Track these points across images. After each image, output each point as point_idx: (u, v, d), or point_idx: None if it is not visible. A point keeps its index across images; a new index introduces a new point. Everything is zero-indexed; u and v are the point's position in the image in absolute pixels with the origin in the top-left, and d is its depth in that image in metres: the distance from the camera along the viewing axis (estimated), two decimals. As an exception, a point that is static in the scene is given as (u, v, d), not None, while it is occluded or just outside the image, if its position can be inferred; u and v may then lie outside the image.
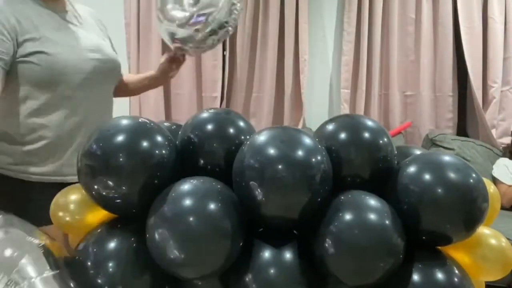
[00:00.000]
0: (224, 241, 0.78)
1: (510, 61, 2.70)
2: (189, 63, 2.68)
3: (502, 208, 2.28)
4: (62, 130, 1.17)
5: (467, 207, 0.79)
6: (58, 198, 1.00)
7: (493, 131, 2.69)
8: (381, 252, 0.76)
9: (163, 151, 0.86)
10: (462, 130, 2.88)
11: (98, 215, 0.95)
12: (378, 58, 2.78)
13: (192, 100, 2.84)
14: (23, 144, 1.15)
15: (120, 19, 2.78)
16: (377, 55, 2.77)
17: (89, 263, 0.83)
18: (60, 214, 0.98)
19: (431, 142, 2.66)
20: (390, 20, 2.77)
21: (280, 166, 0.77)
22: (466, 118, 2.90)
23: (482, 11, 2.69)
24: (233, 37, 2.79)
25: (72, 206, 0.97)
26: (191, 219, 0.76)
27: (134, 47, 2.77)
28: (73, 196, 0.97)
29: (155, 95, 2.79)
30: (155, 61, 2.76)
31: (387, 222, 0.77)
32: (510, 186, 2.33)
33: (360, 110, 2.78)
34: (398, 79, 2.81)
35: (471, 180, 0.80)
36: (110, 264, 0.82)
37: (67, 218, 0.97)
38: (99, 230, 0.90)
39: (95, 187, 0.85)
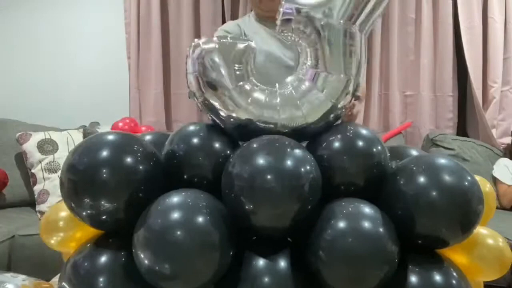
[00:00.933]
0: (213, 254, 0.76)
1: (510, 61, 2.69)
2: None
3: (503, 208, 2.29)
4: None
5: (462, 210, 0.78)
6: (48, 215, 0.98)
7: (493, 131, 2.68)
8: (375, 260, 0.75)
9: (147, 166, 0.84)
10: (462, 130, 2.87)
11: (87, 231, 0.93)
12: (378, 58, 2.77)
13: (192, 100, 2.82)
14: None
15: (120, 19, 2.78)
16: (377, 55, 2.76)
17: (77, 279, 0.81)
18: (50, 231, 0.97)
19: (431, 142, 2.65)
20: (390, 20, 2.75)
21: (269, 176, 0.76)
22: (466, 118, 2.89)
23: (482, 11, 2.68)
24: (233, 37, 2.77)
25: (61, 223, 0.95)
26: (178, 232, 0.73)
27: (134, 47, 2.76)
28: (62, 213, 0.96)
29: (155, 95, 2.78)
30: (155, 61, 2.75)
31: (380, 229, 0.76)
32: (510, 186, 2.33)
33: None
34: (398, 79, 2.80)
35: (466, 183, 0.79)
36: (100, 279, 0.80)
37: (57, 235, 0.96)
38: (88, 245, 0.88)
39: (78, 203, 0.81)
